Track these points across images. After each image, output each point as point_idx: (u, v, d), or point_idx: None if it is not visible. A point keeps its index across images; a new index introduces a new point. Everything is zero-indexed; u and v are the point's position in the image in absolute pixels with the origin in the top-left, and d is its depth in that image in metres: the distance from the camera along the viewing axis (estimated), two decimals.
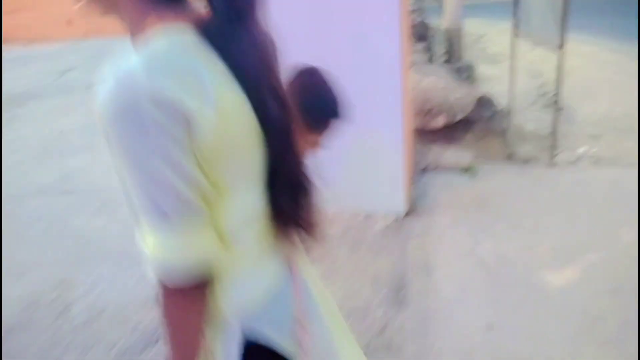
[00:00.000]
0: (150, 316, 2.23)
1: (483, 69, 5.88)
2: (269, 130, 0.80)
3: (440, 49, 5.51)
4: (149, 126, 0.67)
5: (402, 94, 2.77)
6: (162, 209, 0.71)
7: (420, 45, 5.88)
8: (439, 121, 3.65)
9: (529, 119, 4.40)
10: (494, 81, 5.36)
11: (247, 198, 0.82)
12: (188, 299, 0.75)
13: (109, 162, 0.74)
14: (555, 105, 3.61)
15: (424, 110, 3.66)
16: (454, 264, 2.55)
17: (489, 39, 7.94)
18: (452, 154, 3.60)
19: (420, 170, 3.51)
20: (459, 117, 3.64)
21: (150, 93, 0.66)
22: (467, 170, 3.46)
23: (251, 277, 0.86)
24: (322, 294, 1.05)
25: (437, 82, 3.79)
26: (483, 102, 3.72)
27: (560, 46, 3.21)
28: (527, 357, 1.96)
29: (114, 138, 0.69)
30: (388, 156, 2.84)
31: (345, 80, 3.00)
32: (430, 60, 5.28)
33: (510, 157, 3.64)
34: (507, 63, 4.22)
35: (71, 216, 3.13)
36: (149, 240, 0.72)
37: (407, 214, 2.98)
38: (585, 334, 2.03)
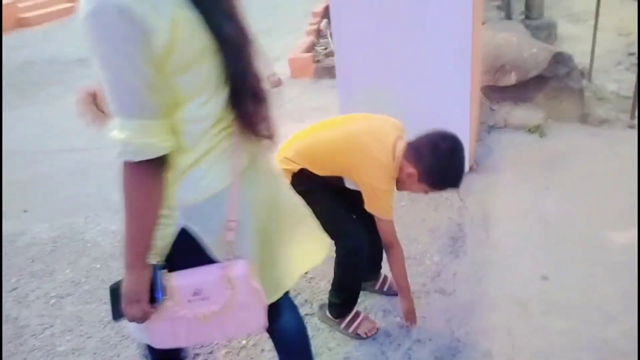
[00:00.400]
0: None
1: (565, 28, 5.56)
2: (225, 47, 0.96)
3: (519, 6, 5.27)
4: (113, 30, 0.85)
5: (471, 50, 2.75)
6: (123, 102, 0.90)
7: (498, 1, 5.66)
8: (511, 78, 3.57)
9: (611, 79, 4.19)
10: (577, 40, 5.07)
11: (203, 104, 0.99)
12: (140, 175, 0.94)
13: None
14: None
15: (496, 67, 3.60)
16: (512, 219, 2.59)
17: None
18: (522, 112, 3.54)
19: (487, 128, 3.50)
20: (532, 74, 3.54)
21: (116, 4, 0.83)
22: (535, 129, 3.40)
23: (199, 177, 1.03)
24: (271, 206, 1.17)
25: (511, 38, 3.68)
26: (560, 59, 3.56)
27: None
28: (578, 307, 2.01)
29: (88, 40, 0.87)
30: (453, 112, 2.85)
31: (413, 35, 3.03)
32: (508, 16, 5.08)
33: (584, 118, 3.52)
34: (593, 22, 4.01)
35: None
36: (114, 126, 0.92)
37: (470, 170, 3.02)
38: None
